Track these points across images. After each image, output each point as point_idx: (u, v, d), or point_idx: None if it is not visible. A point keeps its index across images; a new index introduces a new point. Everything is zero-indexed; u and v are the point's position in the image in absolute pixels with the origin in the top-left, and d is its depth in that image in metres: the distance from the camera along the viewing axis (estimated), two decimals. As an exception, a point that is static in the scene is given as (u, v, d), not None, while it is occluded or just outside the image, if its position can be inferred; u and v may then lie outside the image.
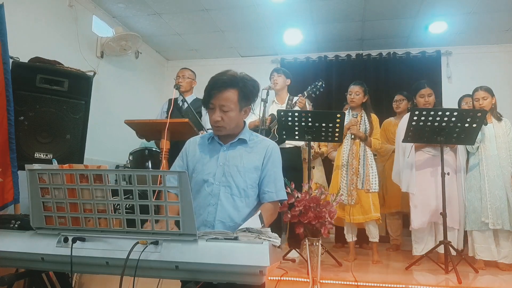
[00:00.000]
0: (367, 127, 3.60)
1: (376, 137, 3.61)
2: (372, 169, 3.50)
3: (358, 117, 3.60)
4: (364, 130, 3.59)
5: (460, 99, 4.25)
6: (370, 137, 3.58)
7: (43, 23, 4.00)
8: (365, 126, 3.60)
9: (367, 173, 3.47)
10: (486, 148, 3.35)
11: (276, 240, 1.34)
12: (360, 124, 3.60)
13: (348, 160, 3.51)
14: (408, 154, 3.39)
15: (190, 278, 1.32)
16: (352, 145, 3.55)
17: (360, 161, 3.50)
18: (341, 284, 2.54)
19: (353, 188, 3.43)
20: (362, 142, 3.56)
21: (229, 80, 1.73)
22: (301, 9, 4.67)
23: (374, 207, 3.40)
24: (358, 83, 3.69)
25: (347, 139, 3.57)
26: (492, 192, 3.25)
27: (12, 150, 2.72)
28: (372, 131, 3.60)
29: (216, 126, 1.76)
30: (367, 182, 3.44)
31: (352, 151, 3.53)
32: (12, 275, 1.54)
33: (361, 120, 3.63)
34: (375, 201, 3.43)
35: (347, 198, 3.42)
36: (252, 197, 1.78)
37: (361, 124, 3.61)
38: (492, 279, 2.92)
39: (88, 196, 1.35)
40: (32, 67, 3.07)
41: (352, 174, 3.47)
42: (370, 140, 3.57)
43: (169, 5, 4.64)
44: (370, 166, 3.50)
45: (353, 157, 3.51)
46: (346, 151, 3.56)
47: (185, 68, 4.06)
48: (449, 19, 4.84)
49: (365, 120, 3.64)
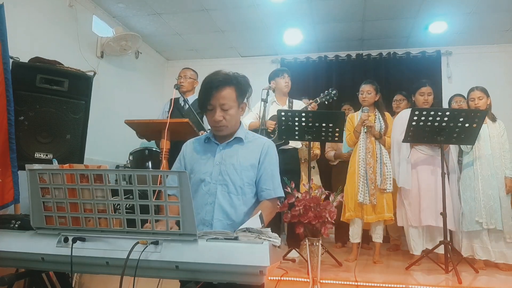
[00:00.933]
0: (382, 125, 3.58)
1: (390, 135, 3.57)
2: (388, 167, 3.46)
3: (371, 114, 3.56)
4: (379, 128, 3.56)
5: (451, 99, 4.26)
6: (385, 135, 3.56)
7: (43, 23, 4.00)
8: (380, 124, 3.58)
9: (384, 171, 3.44)
10: (481, 148, 3.36)
11: (276, 240, 1.34)
12: (375, 122, 3.56)
13: (366, 159, 3.47)
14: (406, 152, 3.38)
15: (190, 278, 1.32)
16: (368, 144, 3.51)
17: (377, 159, 3.47)
18: (341, 284, 2.54)
19: (373, 187, 3.40)
20: (377, 141, 3.53)
21: (224, 79, 1.74)
22: (301, 9, 4.67)
23: (387, 207, 3.38)
24: (369, 82, 3.66)
25: (362, 138, 3.53)
26: (486, 191, 3.26)
27: (12, 150, 2.72)
28: (387, 129, 3.57)
29: (218, 126, 1.76)
30: (384, 181, 3.41)
31: (368, 149, 3.50)
32: (12, 275, 1.54)
33: (375, 119, 3.60)
34: (389, 200, 3.41)
35: (366, 198, 3.38)
36: (249, 194, 1.78)
37: (376, 123, 3.57)
38: (491, 279, 2.92)
39: (88, 196, 1.35)
40: (32, 67, 3.06)
41: (371, 173, 3.44)
42: (385, 138, 3.55)
43: (169, 5, 4.64)
44: (386, 164, 3.47)
45: (370, 155, 3.48)
46: (362, 150, 3.51)
47: (187, 68, 4.06)
48: (449, 19, 4.84)
49: (379, 119, 3.61)
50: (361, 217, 3.41)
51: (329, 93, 3.66)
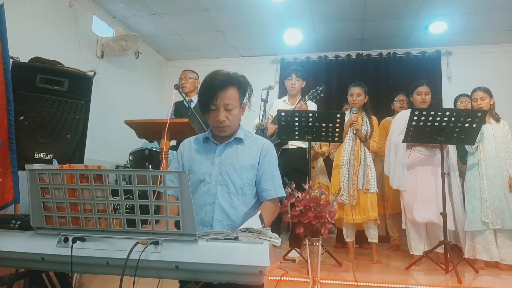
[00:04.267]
0: (368, 128, 3.60)
1: (374, 139, 3.61)
2: (371, 170, 3.51)
3: (358, 114, 3.59)
4: (366, 131, 3.59)
5: (456, 99, 4.25)
6: (370, 139, 3.58)
7: (43, 23, 4.00)
8: (366, 127, 3.60)
9: (367, 173, 3.47)
10: (485, 148, 3.36)
11: (276, 240, 1.33)
12: (362, 125, 3.59)
13: (350, 160, 3.51)
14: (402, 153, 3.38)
15: (190, 278, 1.32)
16: (354, 145, 3.54)
17: (361, 161, 3.50)
18: (341, 284, 2.54)
19: (354, 189, 3.43)
20: (362, 143, 3.56)
21: (227, 78, 1.74)
22: (301, 9, 4.67)
23: (371, 207, 3.41)
24: (358, 84, 3.67)
25: (348, 139, 3.57)
26: (491, 191, 3.26)
27: (12, 150, 2.72)
28: (372, 133, 3.60)
29: (222, 126, 1.76)
30: (367, 182, 3.45)
31: (353, 151, 3.52)
32: (12, 275, 1.54)
33: (362, 121, 3.61)
34: (373, 201, 3.44)
35: (348, 199, 3.42)
36: (249, 195, 1.78)
37: (363, 125, 3.59)
38: (492, 279, 2.93)
39: (88, 196, 1.35)
40: (32, 67, 3.06)
41: (353, 174, 3.47)
42: (370, 142, 3.58)
43: (169, 5, 4.64)
44: (369, 167, 3.51)
45: (354, 157, 3.51)
46: (347, 151, 3.55)
47: (188, 70, 4.10)
48: (449, 19, 4.84)
49: (366, 122, 3.63)
50: (343, 217, 3.43)
51: (317, 90, 3.68)
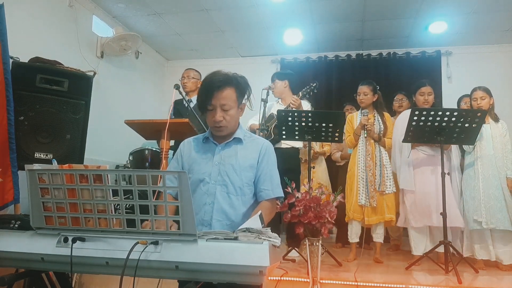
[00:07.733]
0: (381, 127, 3.55)
1: (390, 136, 3.55)
2: (387, 169, 3.47)
3: (370, 116, 3.54)
4: (378, 130, 3.54)
5: (460, 99, 4.25)
6: (385, 137, 3.54)
7: (43, 23, 4.00)
8: (379, 126, 3.55)
9: (383, 173, 3.44)
10: (483, 148, 3.35)
11: (276, 240, 1.33)
12: (374, 125, 3.54)
13: (366, 162, 3.48)
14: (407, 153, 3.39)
15: (190, 278, 1.32)
16: (367, 146, 3.51)
17: (376, 161, 3.47)
18: (341, 284, 2.54)
19: (373, 190, 3.41)
20: (376, 143, 3.53)
21: (225, 79, 1.74)
22: (301, 9, 4.67)
23: (387, 209, 3.40)
24: (366, 83, 3.63)
25: (361, 141, 3.53)
26: (486, 191, 3.25)
27: (12, 150, 2.72)
28: (386, 130, 3.55)
29: (218, 126, 1.76)
30: (383, 183, 3.42)
31: (368, 152, 3.49)
32: (12, 275, 1.54)
33: (374, 121, 3.57)
34: (389, 202, 3.42)
35: (367, 200, 3.40)
36: (248, 195, 1.78)
37: (375, 125, 3.55)
38: (492, 279, 2.92)
39: (88, 196, 1.35)
40: (32, 67, 3.06)
41: (371, 175, 3.44)
42: (384, 140, 3.54)
43: (169, 5, 4.64)
44: (385, 166, 3.47)
45: (369, 158, 3.48)
46: (362, 152, 3.51)
47: (190, 69, 4.07)
48: (449, 19, 4.85)
49: (378, 120, 3.58)
50: (362, 219, 3.42)
51: (310, 86, 3.68)
